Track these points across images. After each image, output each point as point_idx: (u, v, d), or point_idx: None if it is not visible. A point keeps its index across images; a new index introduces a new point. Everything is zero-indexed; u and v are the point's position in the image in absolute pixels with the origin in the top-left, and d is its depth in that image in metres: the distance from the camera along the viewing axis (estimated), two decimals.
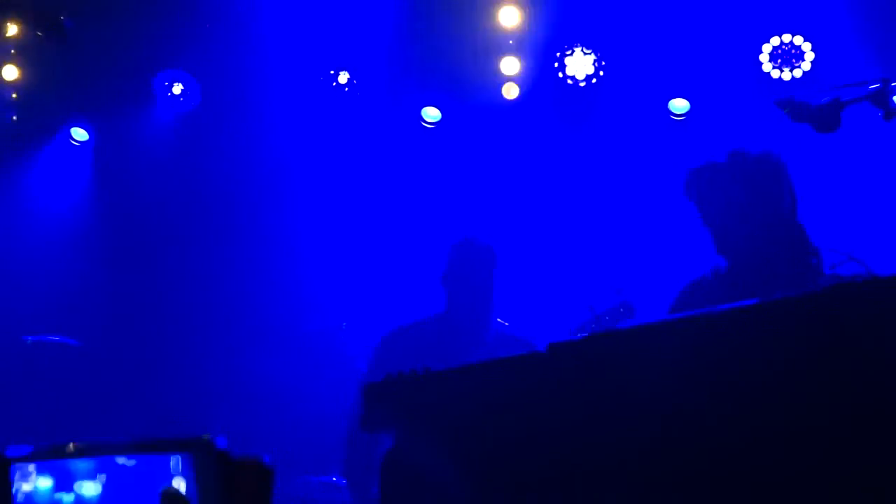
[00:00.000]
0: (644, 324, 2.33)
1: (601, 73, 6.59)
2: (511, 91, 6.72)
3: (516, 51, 6.62)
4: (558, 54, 6.61)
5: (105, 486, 1.25)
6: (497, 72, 6.69)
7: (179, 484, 1.25)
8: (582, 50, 6.58)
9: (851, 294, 2.11)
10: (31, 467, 1.21)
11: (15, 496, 1.19)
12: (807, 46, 6.33)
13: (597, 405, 2.32)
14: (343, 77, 6.92)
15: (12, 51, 6.82)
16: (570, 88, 6.62)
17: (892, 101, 2.38)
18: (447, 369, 2.54)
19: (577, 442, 2.33)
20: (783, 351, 2.14)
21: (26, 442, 1.24)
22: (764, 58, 6.39)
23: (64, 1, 6.03)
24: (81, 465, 1.24)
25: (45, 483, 1.23)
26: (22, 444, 1.21)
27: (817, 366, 2.10)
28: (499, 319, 4.93)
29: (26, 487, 1.21)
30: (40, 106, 7.09)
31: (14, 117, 7.10)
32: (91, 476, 1.25)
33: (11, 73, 6.85)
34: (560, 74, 6.61)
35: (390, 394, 2.60)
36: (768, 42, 6.39)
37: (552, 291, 6.29)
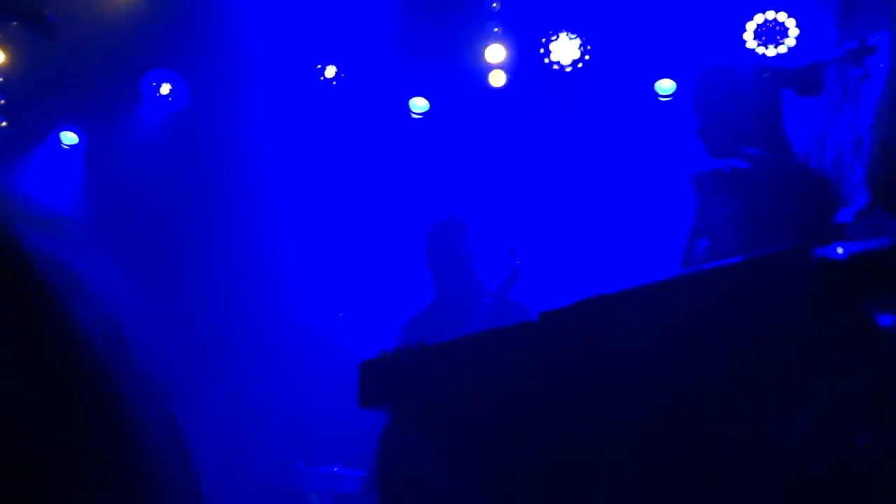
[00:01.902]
0: (634, 287, 2.33)
1: (587, 57, 6.59)
2: (498, 79, 6.74)
3: (501, 37, 6.65)
4: (543, 40, 6.61)
5: None
6: (483, 59, 6.71)
7: None
8: (567, 34, 6.58)
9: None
10: None
11: None
12: (791, 23, 6.33)
13: (589, 371, 2.33)
14: (330, 71, 6.93)
15: None
16: (557, 74, 6.62)
17: (868, 61, 2.40)
18: (438, 343, 2.56)
19: (569, 409, 2.34)
20: (778, 306, 2.12)
21: None
22: (748, 35, 6.39)
23: (49, 3, 6.03)
24: None
25: None
26: None
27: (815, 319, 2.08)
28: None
29: None
30: (29, 111, 7.10)
31: (4, 123, 7.10)
32: None
33: None
34: (546, 60, 6.61)
35: (383, 370, 2.62)
36: (752, 20, 6.39)
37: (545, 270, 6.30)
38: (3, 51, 6.72)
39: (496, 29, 6.65)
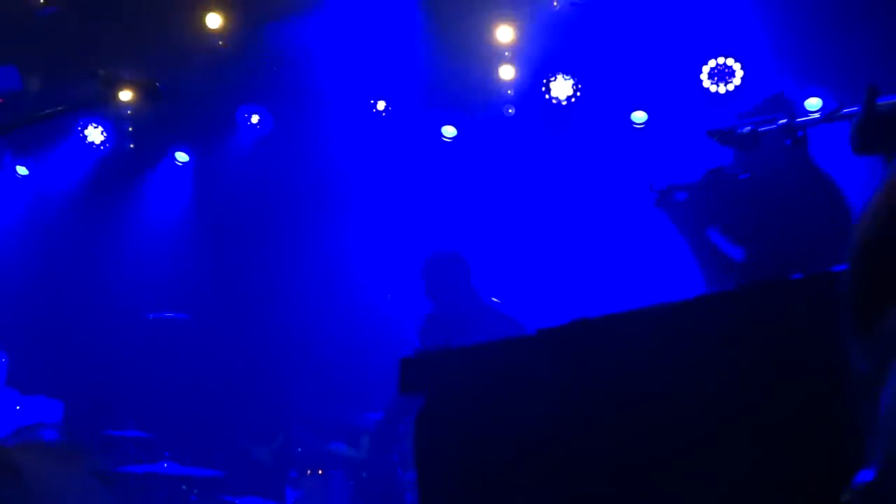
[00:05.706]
0: (624, 311, 2.23)
1: (578, 93, 6.52)
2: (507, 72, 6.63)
3: (512, 80, 6.59)
4: (545, 80, 6.55)
5: None
6: (499, 95, 6.66)
7: None
8: (563, 76, 6.52)
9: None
10: None
11: None
12: (737, 66, 6.26)
13: (583, 385, 2.26)
14: (381, 105, 6.89)
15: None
16: (555, 107, 6.56)
17: (798, 134, 2.35)
18: (457, 348, 2.54)
19: (559, 407, 2.30)
20: (760, 337, 1.96)
21: None
22: (704, 76, 6.32)
23: (162, 60, 6.03)
24: None
25: None
26: None
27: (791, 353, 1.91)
28: (494, 299, 4.80)
29: None
30: (151, 136, 7.13)
31: (131, 145, 7.14)
32: None
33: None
34: (547, 96, 6.55)
35: (417, 366, 2.59)
36: (707, 63, 6.31)
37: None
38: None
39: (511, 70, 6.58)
